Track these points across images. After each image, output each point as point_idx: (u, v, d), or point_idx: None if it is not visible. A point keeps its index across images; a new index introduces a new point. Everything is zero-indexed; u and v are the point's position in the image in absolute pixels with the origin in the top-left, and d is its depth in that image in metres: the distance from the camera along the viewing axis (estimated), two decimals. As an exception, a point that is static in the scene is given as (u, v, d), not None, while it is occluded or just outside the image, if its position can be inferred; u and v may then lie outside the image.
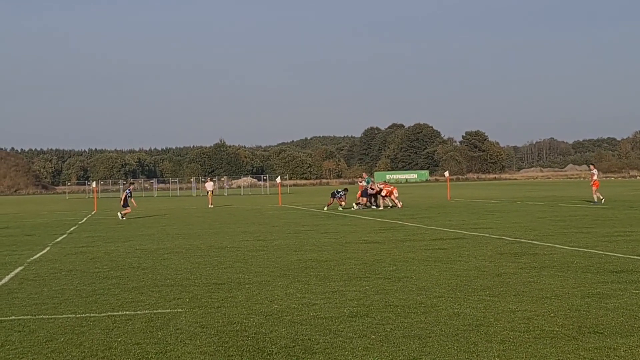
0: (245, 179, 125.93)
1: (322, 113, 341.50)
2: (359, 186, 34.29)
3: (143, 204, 49.67)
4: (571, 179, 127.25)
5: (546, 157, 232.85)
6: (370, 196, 33.61)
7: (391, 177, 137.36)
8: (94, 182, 56.85)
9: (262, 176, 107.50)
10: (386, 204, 33.34)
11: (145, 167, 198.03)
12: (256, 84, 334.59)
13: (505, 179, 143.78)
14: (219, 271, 12.04)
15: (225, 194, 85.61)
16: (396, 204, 33.27)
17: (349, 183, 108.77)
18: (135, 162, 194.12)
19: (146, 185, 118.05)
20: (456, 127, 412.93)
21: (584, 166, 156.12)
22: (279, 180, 49.48)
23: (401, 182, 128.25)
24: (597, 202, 31.71)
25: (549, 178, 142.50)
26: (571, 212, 26.45)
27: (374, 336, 6.99)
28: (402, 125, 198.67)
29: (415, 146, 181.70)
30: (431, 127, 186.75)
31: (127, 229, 23.95)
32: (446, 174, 51.63)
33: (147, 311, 8.60)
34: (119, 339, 7.17)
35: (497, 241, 15.80)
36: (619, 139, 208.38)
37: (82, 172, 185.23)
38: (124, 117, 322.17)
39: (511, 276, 10.49)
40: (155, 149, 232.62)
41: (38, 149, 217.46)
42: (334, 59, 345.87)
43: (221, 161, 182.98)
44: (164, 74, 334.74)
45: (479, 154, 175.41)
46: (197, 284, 10.60)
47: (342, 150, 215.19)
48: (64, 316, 8.43)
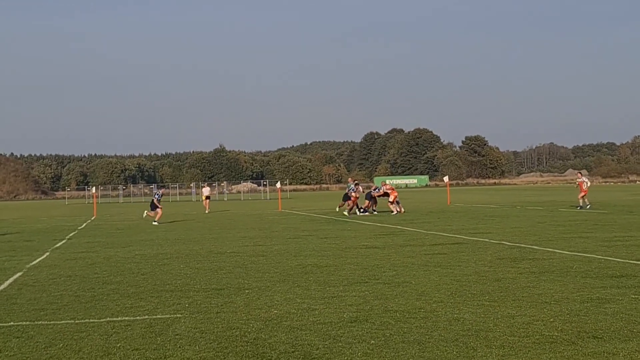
0: (245, 184, 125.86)
1: (322, 118, 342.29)
2: (353, 197, 32.82)
3: (142, 209, 49.49)
4: (571, 183, 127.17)
5: (546, 162, 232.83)
6: (373, 199, 33.51)
7: (391, 182, 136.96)
8: (94, 188, 56.88)
9: (262, 181, 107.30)
10: (392, 210, 32.48)
11: (145, 173, 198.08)
12: (256, 89, 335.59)
13: (505, 184, 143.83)
14: (218, 276, 12.02)
15: (225, 199, 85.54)
16: (391, 209, 32.76)
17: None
18: (135, 167, 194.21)
19: (145, 191, 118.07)
20: (456, 132, 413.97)
21: (584, 171, 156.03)
22: (278, 185, 49.45)
23: (401, 187, 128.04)
24: (583, 207, 31.71)
25: (549, 183, 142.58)
26: (571, 217, 26.46)
27: (373, 341, 6.98)
28: (401, 130, 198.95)
29: (415, 151, 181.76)
30: (431, 132, 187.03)
31: (127, 235, 23.94)
32: (446, 179, 51.69)
33: (146, 317, 8.58)
34: (118, 345, 7.16)
35: (497, 246, 15.79)
36: (618, 143, 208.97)
37: (81, 177, 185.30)
38: (124, 123, 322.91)
39: (511, 281, 10.48)
40: (155, 154, 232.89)
41: (37, 154, 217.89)
42: (334, 63, 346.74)
43: (221, 166, 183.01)
44: (163, 79, 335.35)
45: (478, 159, 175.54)
46: (197, 290, 10.59)
47: (342, 155, 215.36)
48: (63, 322, 8.41)
